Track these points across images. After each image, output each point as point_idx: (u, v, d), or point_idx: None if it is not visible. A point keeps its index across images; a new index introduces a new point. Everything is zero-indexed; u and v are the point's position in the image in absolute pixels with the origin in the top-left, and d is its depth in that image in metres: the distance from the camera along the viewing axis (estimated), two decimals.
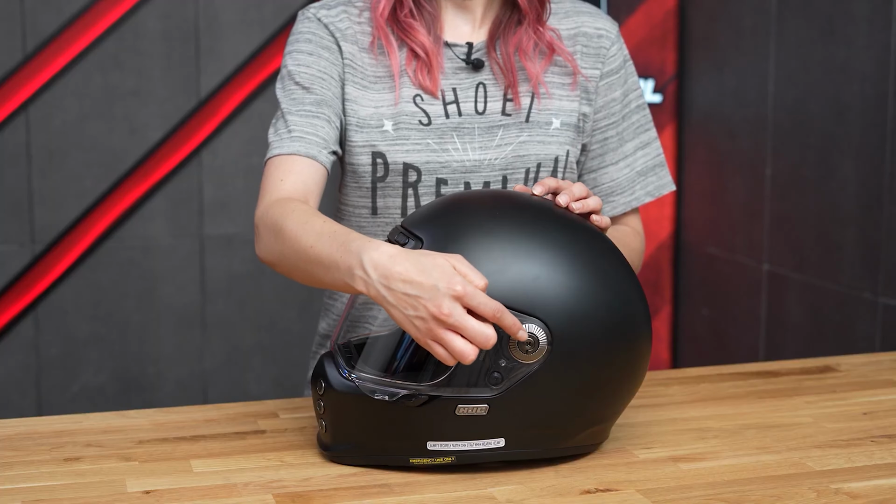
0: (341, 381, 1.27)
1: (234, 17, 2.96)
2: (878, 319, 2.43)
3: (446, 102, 1.53)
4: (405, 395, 1.23)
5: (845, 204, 2.52)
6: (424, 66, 1.52)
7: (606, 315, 1.24)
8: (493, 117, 1.53)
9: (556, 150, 1.55)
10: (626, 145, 1.61)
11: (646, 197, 1.63)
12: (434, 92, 1.52)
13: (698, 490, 1.21)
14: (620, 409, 1.31)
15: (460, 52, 1.55)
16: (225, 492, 1.21)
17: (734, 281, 2.99)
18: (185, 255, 3.00)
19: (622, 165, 1.62)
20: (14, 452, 1.33)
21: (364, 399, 1.25)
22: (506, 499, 1.19)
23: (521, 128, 1.54)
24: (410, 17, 1.52)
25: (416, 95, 1.52)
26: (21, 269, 2.90)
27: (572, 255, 1.25)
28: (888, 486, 1.22)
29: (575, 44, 1.58)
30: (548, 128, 1.55)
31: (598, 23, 1.60)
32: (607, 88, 1.59)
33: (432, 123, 1.52)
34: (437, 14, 1.55)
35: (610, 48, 1.59)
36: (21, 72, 2.84)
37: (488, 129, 1.53)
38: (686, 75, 3.17)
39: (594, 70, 1.58)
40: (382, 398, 1.23)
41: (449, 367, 1.20)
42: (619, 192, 1.62)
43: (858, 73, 2.46)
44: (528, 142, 1.54)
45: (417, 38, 1.52)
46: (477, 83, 1.54)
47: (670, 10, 3.18)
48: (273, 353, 3.08)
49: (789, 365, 1.70)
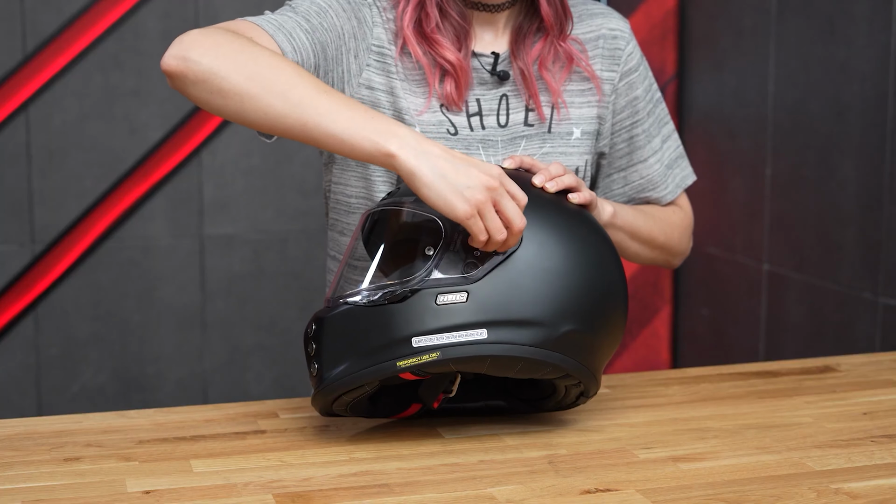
0: (327, 310, 1.32)
1: (234, 17, 2.95)
2: (878, 319, 2.43)
3: (470, 114, 1.51)
4: (387, 293, 1.27)
5: (845, 204, 2.52)
6: (452, 80, 1.49)
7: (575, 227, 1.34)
8: (516, 129, 1.53)
9: (576, 160, 1.55)
10: (654, 140, 1.62)
11: (676, 189, 1.65)
12: (459, 105, 1.50)
13: (698, 490, 1.21)
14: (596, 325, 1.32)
15: (486, 62, 1.52)
16: (225, 492, 1.21)
17: (734, 281, 2.99)
18: (185, 255, 3.00)
19: (652, 161, 1.62)
20: (14, 452, 1.33)
21: (350, 313, 1.29)
22: (506, 499, 1.19)
23: (543, 139, 1.53)
24: (437, 31, 1.48)
25: (441, 105, 1.50)
26: (21, 269, 2.90)
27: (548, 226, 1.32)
28: (888, 486, 1.22)
29: (595, 47, 1.58)
30: (569, 138, 1.54)
31: (612, 23, 1.59)
32: (628, 88, 1.59)
33: (459, 134, 1.51)
34: (469, 27, 1.50)
35: (626, 48, 1.59)
36: (21, 72, 2.84)
37: (511, 140, 1.52)
38: (686, 75, 3.17)
39: (611, 72, 1.58)
40: (366, 300, 1.28)
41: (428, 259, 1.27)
42: (652, 189, 1.63)
43: (858, 73, 2.46)
44: (550, 153, 1.53)
45: (444, 55, 1.48)
46: (500, 95, 1.52)
47: (670, 9, 3.18)
48: (273, 353, 3.08)
49: (789, 365, 1.70)
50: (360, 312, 1.29)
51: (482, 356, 1.28)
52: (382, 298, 1.28)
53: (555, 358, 1.29)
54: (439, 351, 1.27)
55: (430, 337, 1.27)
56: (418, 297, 1.27)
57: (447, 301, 1.27)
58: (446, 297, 1.27)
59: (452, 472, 1.26)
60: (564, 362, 1.30)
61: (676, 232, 1.64)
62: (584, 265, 1.32)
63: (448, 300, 1.27)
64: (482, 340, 1.27)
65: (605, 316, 1.34)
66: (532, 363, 1.29)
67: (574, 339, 1.30)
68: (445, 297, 1.27)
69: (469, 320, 1.27)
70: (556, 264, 1.30)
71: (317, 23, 1.43)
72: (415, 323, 1.27)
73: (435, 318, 1.27)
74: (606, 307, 1.34)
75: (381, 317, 1.28)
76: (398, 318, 1.27)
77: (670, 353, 3.35)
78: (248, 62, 1.23)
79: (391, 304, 1.28)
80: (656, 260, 1.64)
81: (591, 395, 1.38)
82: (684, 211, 1.68)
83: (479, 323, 1.27)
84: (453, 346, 1.27)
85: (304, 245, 3.03)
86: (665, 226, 1.62)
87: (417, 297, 1.27)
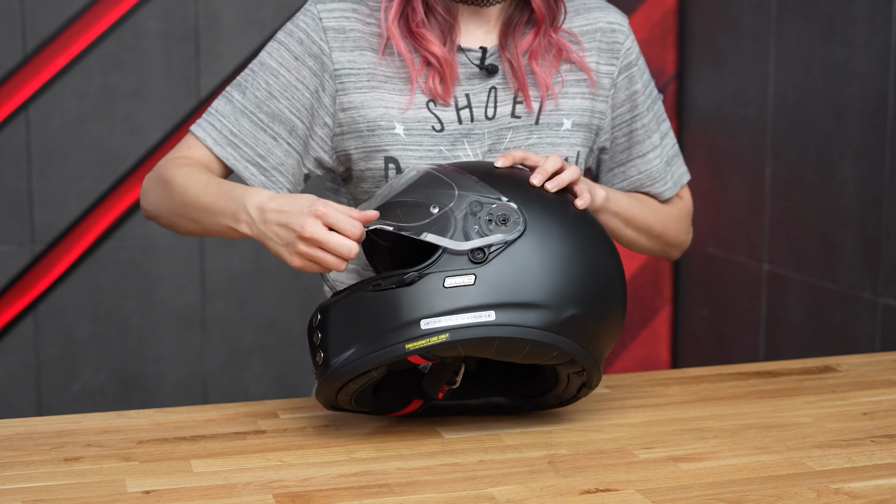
0: (334, 299, 1.33)
1: (234, 17, 2.96)
2: (878, 319, 2.43)
3: (459, 108, 1.51)
4: (396, 277, 1.30)
5: (845, 204, 2.52)
6: (437, 75, 1.49)
7: (576, 219, 1.37)
8: (503, 120, 1.52)
9: (566, 151, 1.54)
10: (653, 136, 1.62)
11: (675, 186, 1.65)
12: (446, 100, 1.50)
13: (698, 490, 1.21)
14: (599, 312, 1.34)
15: (474, 57, 1.52)
16: (225, 492, 1.21)
17: (734, 281, 2.99)
18: (185, 255, 3.00)
19: (652, 157, 1.62)
20: (14, 452, 1.33)
21: (357, 298, 1.31)
22: (506, 499, 1.19)
23: (530, 130, 1.53)
24: (423, 26, 1.48)
25: (428, 101, 1.50)
26: (21, 269, 2.90)
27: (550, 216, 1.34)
28: (888, 486, 1.22)
29: (591, 40, 1.57)
30: (558, 129, 1.54)
31: (610, 17, 1.59)
32: (628, 82, 1.59)
33: (445, 129, 1.51)
34: (455, 21, 1.51)
35: (624, 42, 1.59)
36: (21, 72, 2.84)
37: (497, 132, 1.52)
38: (686, 75, 3.17)
39: (610, 66, 1.58)
40: (375, 285, 1.30)
41: (436, 250, 1.30)
42: (651, 184, 1.62)
43: (858, 73, 2.46)
44: (537, 144, 1.53)
45: (430, 49, 1.48)
46: (489, 87, 1.52)
47: (670, 9, 3.18)
48: (273, 353, 3.08)
49: (789, 365, 1.70)
50: (368, 298, 1.30)
51: (490, 338, 1.29)
52: (390, 283, 1.29)
53: (561, 342, 1.31)
54: (448, 333, 1.28)
55: (438, 319, 1.28)
56: (426, 280, 1.29)
57: (455, 284, 1.29)
58: (454, 279, 1.29)
59: (452, 472, 1.26)
60: (570, 346, 1.32)
61: (673, 222, 1.64)
62: (586, 254, 1.34)
63: (456, 283, 1.29)
64: (490, 322, 1.29)
65: (606, 304, 1.36)
66: (538, 346, 1.31)
67: (578, 324, 1.32)
68: (454, 280, 1.29)
69: (477, 302, 1.29)
70: (559, 251, 1.32)
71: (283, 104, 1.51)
72: (423, 305, 1.28)
73: (443, 301, 1.28)
74: (607, 296, 1.36)
75: (389, 301, 1.29)
76: (406, 302, 1.29)
77: (670, 353, 3.34)
78: (172, 201, 1.49)
79: (399, 289, 1.29)
80: (654, 250, 1.64)
81: (594, 386, 1.39)
82: (684, 201, 1.68)
83: (487, 305, 1.29)
84: (462, 328, 1.28)
85: None
86: (662, 215, 1.62)
87: (426, 280, 1.29)
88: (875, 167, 2.42)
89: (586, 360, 1.34)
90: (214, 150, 1.52)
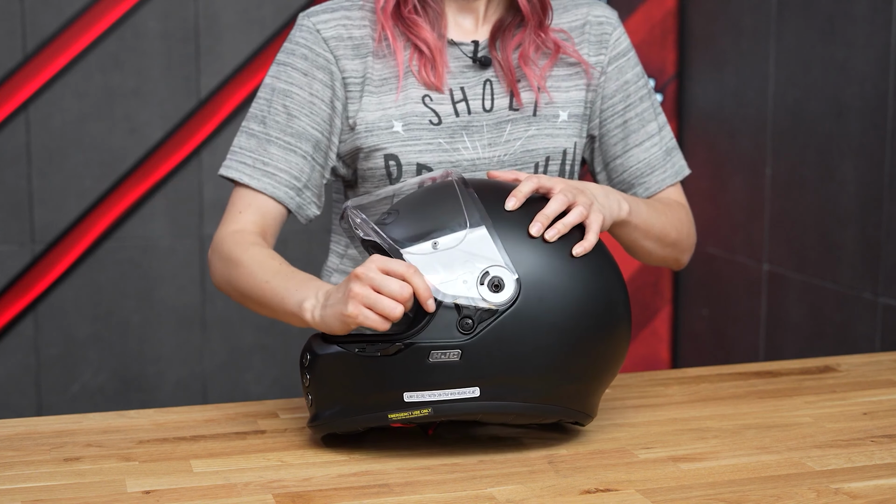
0: (324, 346, 1.31)
1: (234, 17, 2.96)
2: (878, 319, 2.43)
3: (455, 101, 1.53)
4: (381, 344, 1.26)
5: (845, 204, 2.52)
6: (429, 63, 1.51)
7: (577, 271, 1.29)
8: (501, 113, 1.54)
9: (564, 142, 1.56)
10: (649, 125, 1.62)
11: (675, 176, 1.64)
12: (440, 88, 1.51)
13: (698, 490, 1.21)
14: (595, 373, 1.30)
15: (467, 49, 1.54)
16: (225, 492, 1.21)
17: (734, 281, 2.99)
18: (185, 255, 3.00)
19: (649, 145, 1.62)
20: (14, 452, 1.33)
21: (343, 357, 1.28)
22: (506, 499, 1.19)
23: (528, 122, 1.54)
24: (414, 13, 1.51)
25: (424, 96, 1.52)
26: (21, 269, 2.90)
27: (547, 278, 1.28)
28: (888, 486, 1.22)
29: (582, 34, 1.59)
30: (555, 121, 1.56)
31: (598, 10, 1.61)
32: (618, 72, 1.60)
33: (442, 123, 1.52)
34: (442, 12, 1.54)
35: (612, 33, 1.60)
36: (21, 72, 2.84)
37: (496, 124, 1.53)
38: (686, 75, 3.17)
39: (599, 56, 1.59)
40: (361, 349, 1.27)
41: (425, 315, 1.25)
42: (650, 173, 1.62)
43: (858, 73, 2.46)
44: (536, 136, 1.54)
45: (421, 35, 1.51)
46: (484, 80, 1.54)
47: (670, 10, 3.18)
48: (273, 353, 3.08)
49: (789, 365, 1.70)
50: (352, 360, 1.28)
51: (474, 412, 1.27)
52: (375, 350, 1.26)
53: (549, 410, 1.29)
54: (431, 407, 1.26)
55: (421, 393, 1.26)
56: (411, 351, 1.25)
57: (440, 359, 1.25)
58: (440, 353, 1.25)
59: (452, 472, 1.26)
60: (559, 412, 1.30)
61: (685, 227, 1.63)
62: (588, 317, 1.28)
63: (441, 358, 1.25)
64: (474, 398, 1.26)
65: (606, 366, 1.32)
66: (524, 416, 1.29)
67: (570, 391, 1.30)
68: (439, 354, 1.25)
69: (461, 377, 1.25)
70: (555, 319, 1.26)
71: (305, 121, 1.51)
72: (406, 379, 1.25)
73: (427, 376, 1.25)
74: (609, 356, 1.31)
75: (373, 368, 1.26)
76: (390, 372, 1.26)
77: (670, 353, 3.35)
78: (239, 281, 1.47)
79: (383, 357, 1.26)
80: (666, 259, 1.61)
81: (585, 425, 1.38)
82: (685, 208, 1.68)
83: (472, 380, 1.25)
84: (445, 402, 1.26)
85: (305, 245, 3.03)
86: (675, 221, 1.61)
87: (410, 352, 1.25)
88: (875, 167, 2.42)
89: (577, 416, 1.33)
90: (251, 185, 1.51)
